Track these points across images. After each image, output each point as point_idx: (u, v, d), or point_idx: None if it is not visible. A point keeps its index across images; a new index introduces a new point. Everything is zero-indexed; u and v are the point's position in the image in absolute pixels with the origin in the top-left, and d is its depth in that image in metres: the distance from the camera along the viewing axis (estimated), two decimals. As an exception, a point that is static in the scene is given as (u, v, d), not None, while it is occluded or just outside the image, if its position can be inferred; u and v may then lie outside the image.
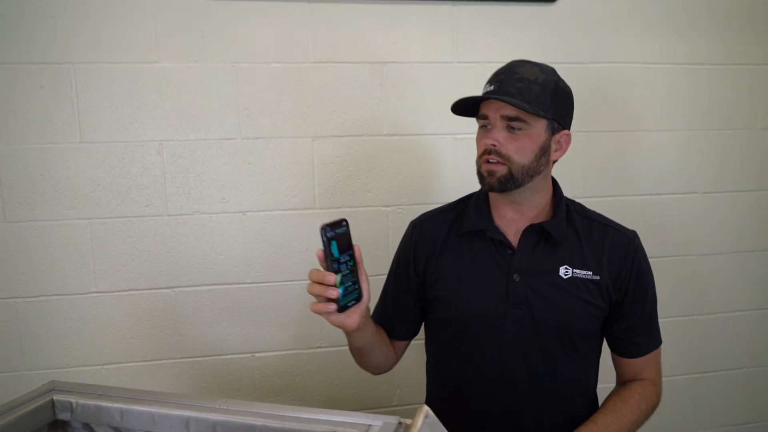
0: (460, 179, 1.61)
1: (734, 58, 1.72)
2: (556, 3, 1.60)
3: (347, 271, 0.88)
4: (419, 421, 0.70)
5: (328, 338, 1.61)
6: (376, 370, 1.17)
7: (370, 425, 0.72)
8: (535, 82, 0.97)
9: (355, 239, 0.88)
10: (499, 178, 0.99)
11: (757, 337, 1.87)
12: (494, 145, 0.99)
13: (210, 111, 1.50)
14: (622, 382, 1.12)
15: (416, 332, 1.20)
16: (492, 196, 1.09)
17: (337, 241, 0.85)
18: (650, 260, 1.11)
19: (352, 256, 0.89)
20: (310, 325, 1.60)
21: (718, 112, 1.74)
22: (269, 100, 1.51)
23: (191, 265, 1.53)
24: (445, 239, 1.11)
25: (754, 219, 1.82)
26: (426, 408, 0.73)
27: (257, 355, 1.59)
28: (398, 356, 1.20)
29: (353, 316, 0.91)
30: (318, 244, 0.84)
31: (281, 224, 1.56)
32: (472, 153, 1.08)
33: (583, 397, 1.10)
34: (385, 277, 1.22)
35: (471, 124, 1.10)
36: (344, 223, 0.87)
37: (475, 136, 1.07)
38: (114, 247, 1.49)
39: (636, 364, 1.10)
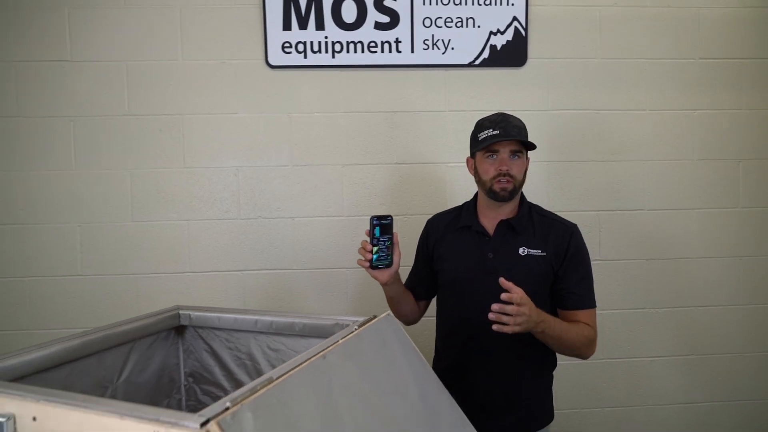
0: (450, 195, 2.16)
1: (664, 106, 2.22)
2: (523, 67, 2.16)
3: (384, 247, 1.43)
4: (382, 316, 1.25)
5: (350, 311, 2.17)
6: (405, 320, 1.67)
7: (357, 320, 1.27)
8: (522, 128, 1.49)
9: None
10: (510, 191, 1.46)
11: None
12: (507, 170, 1.45)
13: (271, 146, 2.13)
14: None
15: (431, 296, 1.67)
16: (481, 202, 1.56)
17: (380, 227, 1.41)
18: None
19: (391, 240, 1.44)
20: (337, 302, 2.16)
21: (651, 148, 2.23)
22: (312, 138, 2.14)
23: (255, 254, 2.14)
24: (446, 230, 1.61)
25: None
26: (389, 312, 1.27)
27: (300, 323, 2.16)
28: (421, 313, 1.70)
29: (384, 274, 1.45)
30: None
31: (319, 227, 2.15)
32: (459, 176, 1.80)
33: (534, 338, 1.51)
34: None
35: (457, 154, 1.75)
36: (389, 218, 1.42)
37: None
38: (203, 240, 2.13)
39: (573, 314, 1.48)
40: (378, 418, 0.97)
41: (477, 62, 2.14)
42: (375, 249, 1.41)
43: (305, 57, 2.10)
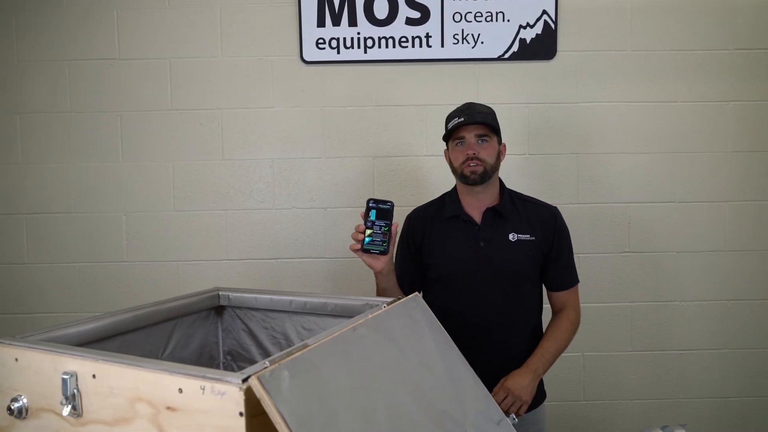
0: (479, 188, 2.20)
1: (697, 97, 2.20)
2: (552, 60, 2.18)
3: (379, 232, 1.42)
4: (410, 296, 1.30)
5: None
6: None
7: (386, 300, 1.33)
8: (487, 113, 1.53)
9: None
10: (480, 174, 1.49)
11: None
12: (474, 153, 1.49)
13: (305, 139, 2.21)
14: (554, 312, 1.61)
15: (419, 290, 1.62)
16: (461, 191, 1.59)
17: (377, 210, 1.41)
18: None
19: (389, 226, 1.43)
20: (368, 291, 2.22)
21: (683, 140, 2.22)
22: (345, 131, 2.21)
23: (288, 243, 2.22)
24: (432, 223, 1.60)
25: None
26: (417, 293, 1.33)
27: (331, 310, 2.24)
28: None
29: (379, 262, 1.43)
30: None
31: (351, 217, 2.22)
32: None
33: (528, 318, 1.57)
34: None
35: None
36: (389, 203, 1.41)
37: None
38: (239, 229, 2.22)
39: (561, 296, 1.59)
40: (404, 387, 1.03)
41: (506, 56, 2.17)
42: (368, 232, 1.40)
43: (338, 53, 2.17)
